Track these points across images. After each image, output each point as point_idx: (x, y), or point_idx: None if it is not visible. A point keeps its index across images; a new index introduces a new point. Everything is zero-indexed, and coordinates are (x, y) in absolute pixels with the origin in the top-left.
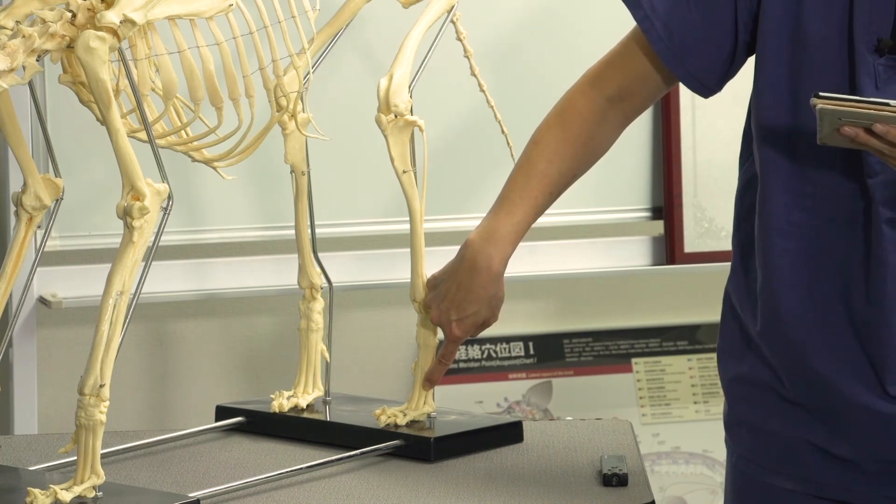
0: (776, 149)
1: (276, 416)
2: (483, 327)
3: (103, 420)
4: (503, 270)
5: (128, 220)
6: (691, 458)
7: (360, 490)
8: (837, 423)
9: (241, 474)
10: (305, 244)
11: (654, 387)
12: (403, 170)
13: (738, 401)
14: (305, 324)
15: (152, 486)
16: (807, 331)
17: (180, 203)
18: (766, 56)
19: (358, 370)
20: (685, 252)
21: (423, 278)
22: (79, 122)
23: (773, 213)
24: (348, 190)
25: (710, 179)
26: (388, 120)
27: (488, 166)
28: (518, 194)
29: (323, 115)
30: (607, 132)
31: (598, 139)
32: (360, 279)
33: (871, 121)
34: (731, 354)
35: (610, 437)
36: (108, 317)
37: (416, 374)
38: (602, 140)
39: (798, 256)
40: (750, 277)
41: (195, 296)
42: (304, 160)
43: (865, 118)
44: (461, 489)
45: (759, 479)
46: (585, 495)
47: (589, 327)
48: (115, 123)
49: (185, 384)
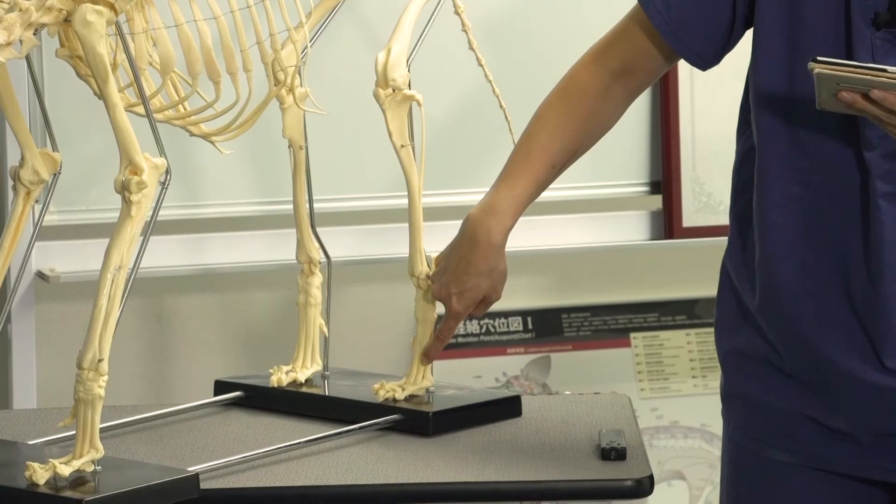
0: (774, 123)
1: (274, 390)
2: (486, 305)
3: (102, 394)
4: (503, 242)
5: (125, 195)
6: (689, 433)
7: (359, 464)
8: (833, 396)
9: (239, 448)
10: (304, 219)
11: (653, 361)
12: (402, 144)
13: (734, 373)
14: (304, 298)
15: (151, 460)
16: (803, 304)
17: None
18: (764, 30)
19: (356, 345)
20: (683, 226)
21: (422, 253)
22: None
23: (771, 186)
24: (346, 164)
25: (708, 154)
26: (386, 94)
27: (488, 141)
28: (519, 168)
29: (321, 89)
30: (610, 107)
31: (601, 114)
32: (358, 254)
33: (868, 86)
34: (728, 327)
35: (608, 412)
36: (106, 291)
37: (414, 349)
38: (605, 115)
39: (795, 230)
40: (747, 251)
41: (193, 270)
42: (302, 134)
43: (863, 84)
44: (459, 463)
45: (754, 452)
46: (584, 469)
47: (587, 302)
48: (113, 98)
49: (183, 359)
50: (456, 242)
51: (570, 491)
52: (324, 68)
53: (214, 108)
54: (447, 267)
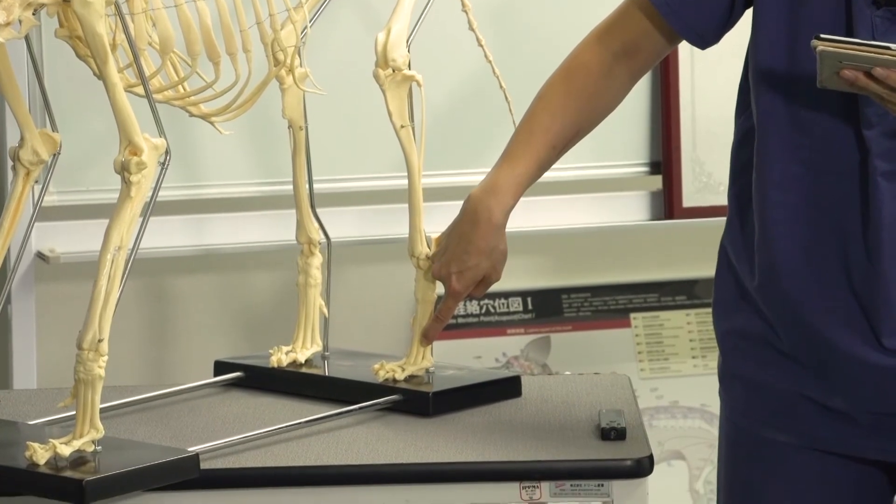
0: (773, 101)
1: (274, 371)
2: (485, 285)
3: (102, 375)
4: (504, 222)
5: (125, 175)
6: (689, 413)
7: (359, 444)
8: (831, 376)
9: (239, 429)
10: (303, 199)
11: (653, 341)
12: (401, 125)
13: (732, 354)
14: (304, 279)
15: (151, 440)
16: (802, 283)
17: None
18: (764, 8)
19: (356, 325)
20: (683, 207)
21: (422, 233)
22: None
23: (770, 165)
24: (346, 145)
25: (708, 134)
26: (386, 74)
27: (489, 121)
28: (520, 148)
29: (320, 69)
30: (613, 88)
31: (603, 95)
32: (358, 234)
33: (871, 64)
34: (726, 307)
35: (608, 392)
36: (106, 272)
37: (414, 330)
38: (608, 96)
39: (794, 209)
40: (746, 230)
41: (193, 251)
42: (302, 115)
43: (866, 61)
44: (459, 443)
45: (752, 432)
46: (584, 449)
47: (587, 282)
48: (112, 78)
49: (183, 339)
50: (457, 222)
51: (569, 471)
52: (323, 49)
53: (214, 88)
54: (447, 246)
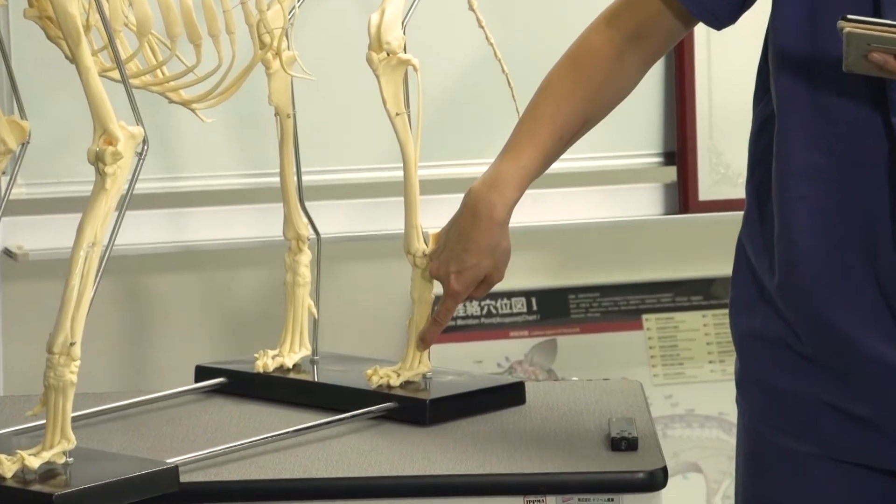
0: (794, 86)
1: (259, 376)
2: (487, 286)
3: (74, 380)
4: (507, 218)
5: (100, 166)
6: (706, 422)
7: (351, 456)
8: (856, 381)
9: (222, 439)
10: (291, 192)
11: (667, 345)
12: (397, 112)
13: (750, 357)
14: (291, 278)
15: (127, 451)
16: (825, 281)
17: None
18: None
19: (348, 327)
20: (700, 200)
21: (418, 229)
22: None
23: (791, 155)
24: (337, 134)
25: (726, 121)
26: (380, 58)
27: (491, 109)
28: (524, 139)
29: (309, 53)
30: (624, 75)
31: (614, 82)
32: (350, 230)
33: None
34: (744, 308)
35: (619, 399)
36: (78, 270)
37: (410, 332)
38: (618, 83)
39: (817, 201)
40: (765, 225)
41: (173, 248)
42: (290, 102)
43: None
44: (459, 454)
45: (771, 442)
46: (592, 460)
47: (596, 281)
48: (86, 61)
49: (162, 342)
50: (456, 218)
51: (577, 484)
52: (313, 31)
53: (195, 73)
54: (446, 244)
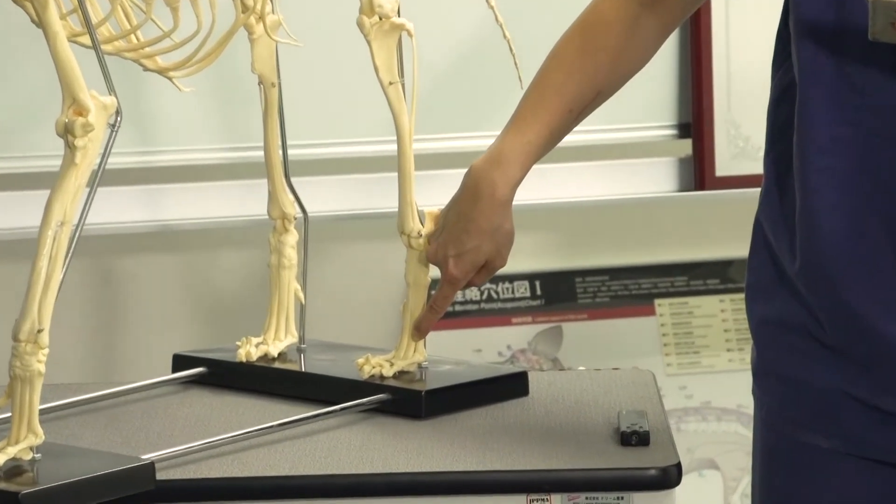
0: (817, 53)
1: (242, 366)
2: (487, 272)
3: (42, 370)
4: (510, 198)
5: (69, 139)
6: (724, 415)
7: (340, 451)
8: (883, 372)
9: (202, 433)
10: (276, 167)
11: (681, 332)
12: (390, 81)
13: (768, 346)
14: (277, 260)
15: (99, 446)
16: (850, 264)
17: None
18: None
19: (337, 313)
20: (717, 176)
21: (414, 207)
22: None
23: (813, 127)
24: (326, 104)
25: (746, 90)
26: (372, 22)
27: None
28: (530, 112)
29: (295, 17)
30: (639, 43)
31: (627, 50)
32: (339, 208)
33: None
34: (761, 292)
35: (629, 390)
36: (46, 251)
37: (404, 318)
38: (633, 52)
39: (841, 178)
40: (786, 202)
41: (148, 227)
42: (275, 70)
43: None
44: (457, 450)
45: (790, 437)
46: (600, 456)
47: (605, 263)
48: (54, 26)
49: (136, 329)
50: (456, 198)
51: (584, 481)
52: None
53: (172, 38)
54: (445, 225)
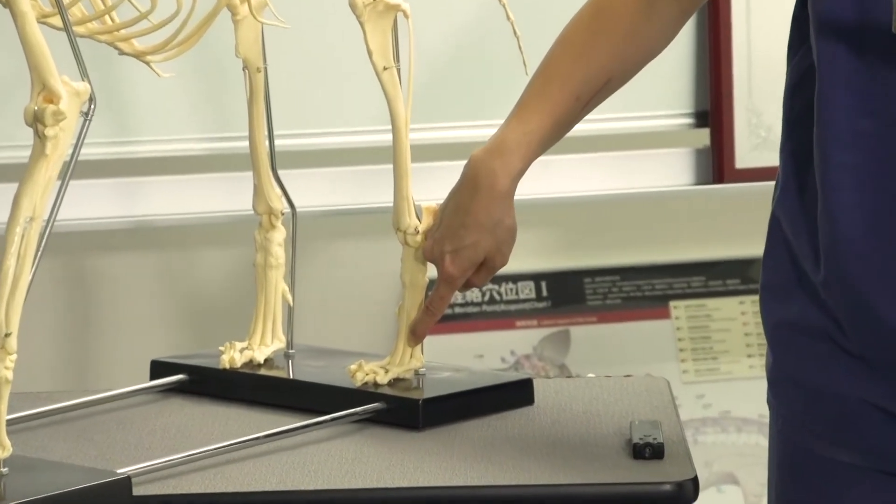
0: (837, 37)
1: (225, 373)
2: (488, 271)
3: (9, 377)
4: (511, 190)
5: (39, 128)
6: (744, 425)
7: (332, 464)
8: None
9: (182, 445)
10: (262, 159)
11: (698, 336)
12: (384, 66)
13: (785, 351)
14: (263, 258)
15: (71, 459)
16: (871, 265)
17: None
18: None
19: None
20: (736, 168)
21: (410, 201)
22: None
23: (833, 118)
24: (316, 92)
25: (768, 76)
26: (366, 3)
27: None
28: (534, 100)
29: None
30: (656, 27)
31: (641, 34)
32: (330, 202)
33: None
34: (778, 294)
35: (642, 399)
36: (14, 249)
37: (400, 321)
38: (649, 37)
39: (865, 172)
40: (805, 197)
41: (125, 223)
42: (260, 54)
43: None
44: (456, 463)
45: (808, 449)
46: (611, 470)
47: (616, 262)
48: (22, 6)
49: (112, 334)
50: (455, 189)
51: (593, 497)
52: None
53: (150, 19)
54: (442, 219)
